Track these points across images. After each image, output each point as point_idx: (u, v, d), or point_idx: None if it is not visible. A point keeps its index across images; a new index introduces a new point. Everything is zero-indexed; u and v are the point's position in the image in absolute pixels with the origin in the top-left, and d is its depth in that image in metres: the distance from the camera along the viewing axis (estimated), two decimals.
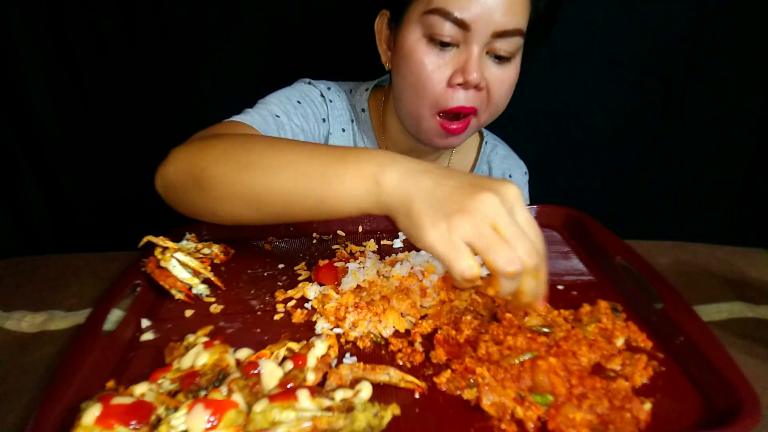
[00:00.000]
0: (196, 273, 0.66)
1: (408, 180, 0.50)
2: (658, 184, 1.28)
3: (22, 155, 1.16)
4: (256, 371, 0.47)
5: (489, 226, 0.45)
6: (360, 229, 0.82)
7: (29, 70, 1.09)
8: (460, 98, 0.75)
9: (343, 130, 0.94)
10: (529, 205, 0.87)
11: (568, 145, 1.26)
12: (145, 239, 0.65)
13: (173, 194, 0.66)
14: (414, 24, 0.74)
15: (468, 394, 0.47)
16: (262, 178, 0.57)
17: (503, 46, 0.73)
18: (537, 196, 1.07)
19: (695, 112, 1.20)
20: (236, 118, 0.78)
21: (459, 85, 0.74)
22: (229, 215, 0.63)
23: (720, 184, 1.27)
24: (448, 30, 0.71)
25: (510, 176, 1.04)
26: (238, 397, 0.44)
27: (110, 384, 0.48)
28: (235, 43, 1.12)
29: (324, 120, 0.92)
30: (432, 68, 0.74)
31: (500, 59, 0.75)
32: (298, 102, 0.88)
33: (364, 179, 0.52)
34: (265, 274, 0.70)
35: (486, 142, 1.03)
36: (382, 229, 0.82)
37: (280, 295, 0.64)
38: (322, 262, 0.68)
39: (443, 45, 0.73)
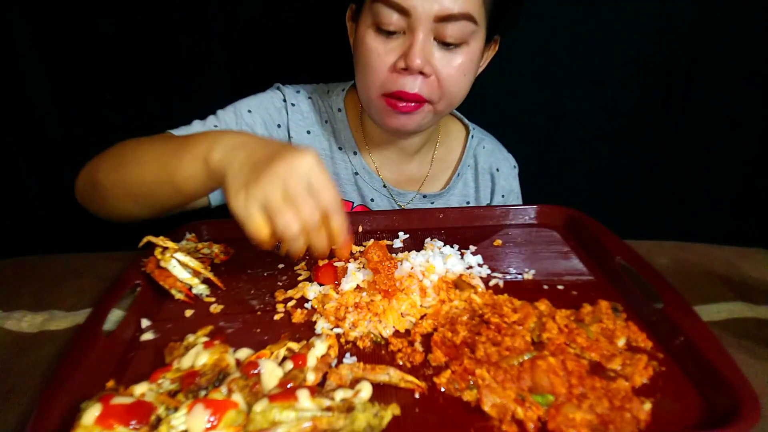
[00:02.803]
0: (196, 273, 0.66)
1: (227, 156, 0.58)
2: (658, 184, 1.28)
3: (22, 155, 1.16)
4: (256, 371, 0.47)
5: (279, 192, 0.53)
6: (360, 229, 0.82)
7: (29, 69, 1.09)
8: (404, 83, 0.75)
9: (309, 132, 0.94)
10: (525, 203, 0.87)
11: (568, 145, 1.26)
12: (145, 239, 0.65)
13: (87, 203, 0.77)
14: (366, 13, 0.76)
15: (468, 396, 0.47)
16: (129, 175, 0.68)
17: (451, 31, 0.73)
18: (537, 195, 1.07)
19: (695, 111, 1.20)
20: (171, 130, 0.83)
21: (403, 70, 0.74)
22: (123, 213, 0.73)
23: (720, 184, 1.27)
24: (391, 18, 0.72)
25: (498, 170, 1.04)
26: (238, 397, 0.44)
27: (110, 384, 0.48)
28: (235, 43, 1.12)
29: (279, 126, 0.93)
30: (378, 54, 0.75)
31: (449, 45, 0.75)
32: (249, 111, 0.90)
33: (196, 160, 0.60)
34: (265, 274, 0.70)
35: (472, 136, 1.03)
36: (382, 229, 0.82)
37: (280, 295, 0.64)
38: (321, 262, 0.68)
39: (389, 33, 0.74)
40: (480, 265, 0.70)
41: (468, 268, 0.69)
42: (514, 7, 0.81)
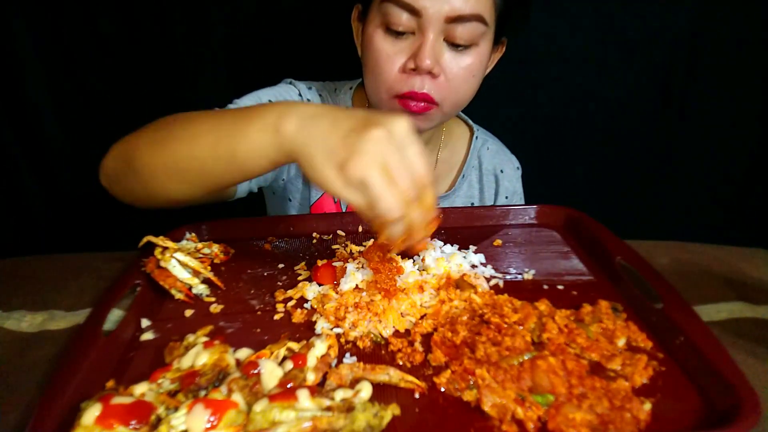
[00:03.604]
0: (196, 273, 0.66)
1: (305, 126, 0.53)
2: (658, 184, 1.28)
3: (22, 155, 1.16)
4: (256, 371, 0.47)
5: (378, 169, 0.49)
6: (360, 229, 0.82)
7: (29, 69, 1.09)
8: (414, 84, 0.75)
9: None
10: (525, 203, 0.87)
11: (568, 144, 1.26)
12: (145, 239, 0.65)
13: (116, 185, 0.71)
14: (374, 13, 0.75)
15: (468, 396, 0.47)
16: (179, 149, 0.62)
17: (461, 33, 0.73)
18: (537, 196, 1.07)
19: (695, 111, 1.20)
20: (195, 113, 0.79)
21: (412, 70, 0.74)
22: (161, 192, 0.66)
23: (720, 184, 1.27)
24: (401, 18, 0.72)
25: (502, 171, 1.04)
26: (238, 397, 0.44)
27: (110, 384, 0.48)
28: (234, 42, 1.13)
29: None
30: (387, 55, 0.75)
31: (459, 47, 0.75)
32: (269, 101, 0.88)
33: (266, 130, 0.55)
34: (265, 274, 0.70)
35: (476, 137, 1.03)
36: None
37: (280, 295, 0.64)
38: (320, 262, 0.68)
39: (398, 33, 0.74)
40: (483, 265, 0.70)
41: (472, 267, 0.69)
42: (524, 8, 0.81)
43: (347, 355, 0.53)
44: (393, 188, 0.49)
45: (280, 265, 0.72)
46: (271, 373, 0.47)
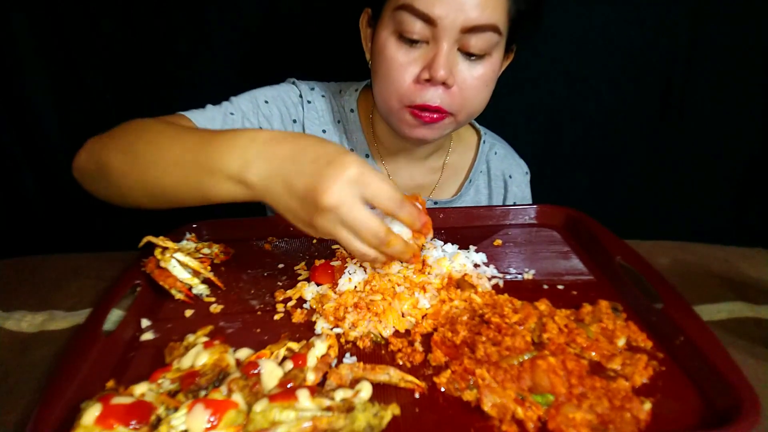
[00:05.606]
0: (196, 273, 0.66)
1: (267, 186, 0.55)
2: (658, 184, 1.28)
3: (22, 155, 1.16)
4: (256, 371, 0.47)
5: (339, 228, 0.54)
6: None
7: (30, 69, 1.09)
8: (427, 95, 0.74)
9: (324, 132, 0.93)
10: (529, 204, 0.87)
11: (568, 145, 1.26)
12: (145, 239, 0.65)
13: (87, 181, 0.72)
14: (387, 20, 0.75)
15: (468, 396, 0.47)
16: (149, 173, 0.62)
17: (475, 42, 0.72)
18: (537, 196, 1.07)
19: (695, 111, 1.20)
20: (185, 112, 0.80)
21: (427, 81, 0.74)
22: (133, 203, 0.67)
23: (720, 184, 1.27)
24: (415, 26, 0.71)
25: (510, 176, 1.03)
26: (238, 397, 0.44)
27: (110, 384, 0.48)
28: (235, 42, 1.12)
29: (295, 121, 0.91)
30: (401, 64, 0.74)
31: (472, 56, 0.74)
32: (266, 102, 0.88)
33: (231, 181, 0.57)
34: (265, 274, 0.70)
35: (484, 141, 1.02)
36: None
37: (279, 295, 0.64)
38: (318, 262, 0.67)
39: (412, 42, 0.73)
40: (486, 264, 0.70)
41: (475, 267, 0.69)
42: (536, 17, 0.80)
43: (347, 355, 0.53)
44: (358, 237, 0.54)
45: (280, 265, 0.72)
46: (271, 373, 0.47)
